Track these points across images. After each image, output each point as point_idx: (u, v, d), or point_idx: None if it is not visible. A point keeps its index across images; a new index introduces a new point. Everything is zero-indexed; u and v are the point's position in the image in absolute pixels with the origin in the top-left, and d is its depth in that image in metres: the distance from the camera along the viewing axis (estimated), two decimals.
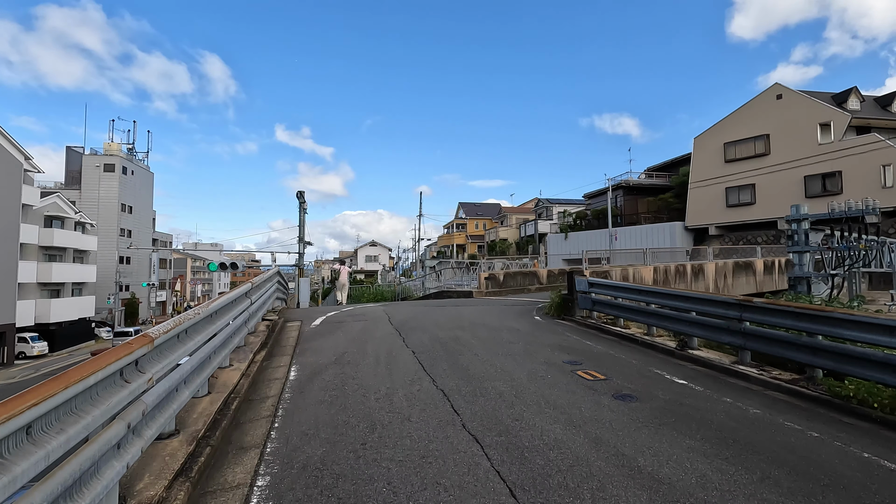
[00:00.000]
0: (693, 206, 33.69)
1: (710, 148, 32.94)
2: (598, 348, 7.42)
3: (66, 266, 38.42)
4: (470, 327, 8.85)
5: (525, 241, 54.73)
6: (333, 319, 9.91)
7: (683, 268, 16.62)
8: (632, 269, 14.88)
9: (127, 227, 57.74)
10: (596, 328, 9.70)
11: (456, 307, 12.36)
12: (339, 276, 18.76)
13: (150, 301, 64.60)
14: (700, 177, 33.38)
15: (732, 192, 31.56)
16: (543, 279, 19.28)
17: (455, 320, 9.71)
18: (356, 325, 9.06)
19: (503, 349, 6.96)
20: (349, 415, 4.25)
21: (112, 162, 55.96)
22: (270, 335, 7.74)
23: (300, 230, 18.53)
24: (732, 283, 18.52)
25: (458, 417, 4.15)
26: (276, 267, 10.94)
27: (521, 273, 18.71)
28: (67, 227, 39.47)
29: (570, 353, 6.90)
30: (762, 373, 6.14)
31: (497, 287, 17.76)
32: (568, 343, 7.71)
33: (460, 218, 70.82)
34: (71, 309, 38.30)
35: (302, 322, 9.47)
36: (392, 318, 9.85)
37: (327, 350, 6.88)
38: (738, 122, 31.46)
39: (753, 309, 6.26)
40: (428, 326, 8.86)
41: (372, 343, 7.32)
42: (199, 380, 4.11)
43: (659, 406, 4.60)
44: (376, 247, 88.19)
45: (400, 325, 8.94)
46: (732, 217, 31.69)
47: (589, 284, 10.40)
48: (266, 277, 8.59)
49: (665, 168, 42.94)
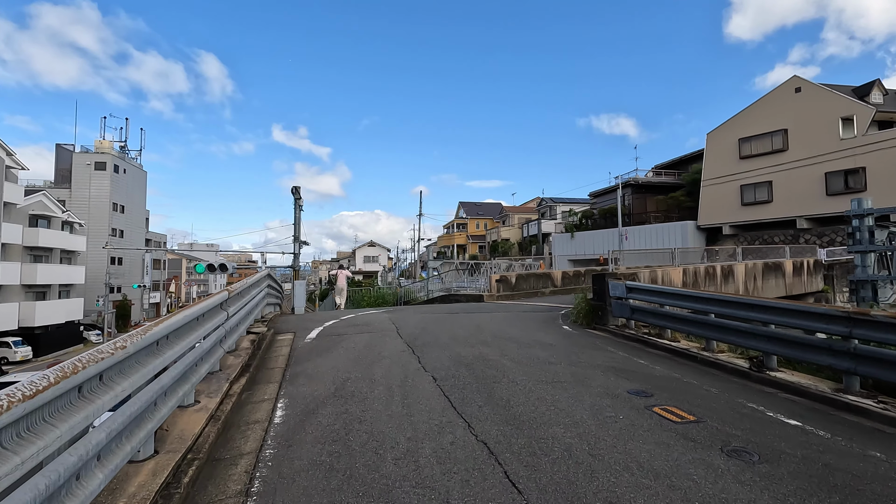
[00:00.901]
0: (706, 205, 32.38)
1: (724, 144, 31.64)
2: (658, 370, 6.05)
3: (53, 267, 36.88)
4: (494, 341, 7.46)
5: (528, 241, 53.35)
6: (332, 331, 8.51)
7: (713, 269, 15.28)
8: (661, 271, 13.53)
9: (119, 227, 56.24)
10: (638, 340, 8.34)
11: (470, 315, 10.97)
12: (337, 280, 18.22)
13: (142, 302, 63.02)
14: (713, 174, 32.07)
15: (748, 189, 30.25)
16: (557, 282, 17.92)
17: (474, 332, 8.33)
18: (359, 339, 7.66)
19: (545, 373, 5.57)
20: (357, 493, 2.86)
21: (103, 160, 54.42)
22: (255, 353, 6.33)
23: (295, 229, 17.15)
24: (762, 285, 17.20)
25: (522, 499, 2.77)
26: (266, 269, 9.51)
27: (533, 275, 17.35)
28: (54, 226, 37.92)
29: (629, 377, 5.53)
30: (884, 407, 4.78)
31: (509, 290, 16.40)
32: (618, 363, 6.33)
33: (461, 218, 69.39)
34: (57, 312, 36.75)
35: (295, 334, 8.07)
36: (401, 330, 8.45)
37: (325, 375, 5.48)
38: (753, 117, 30.15)
39: (870, 324, 4.90)
40: (445, 341, 7.47)
41: (380, 365, 5.93)
42: (132, 443, 2.72)
43: (797, 471, 3.22)
44: (375, 247, 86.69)
45: (411, 339, 7.54)
46: (748, 216, 30.38)
47: (627, 290, 9.03)
48: (251, 282, 7.19)
49: (673, 166, 41.64)
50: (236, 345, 6.18)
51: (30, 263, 34.59)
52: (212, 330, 4.72)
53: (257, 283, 7.75)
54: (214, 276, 40.20)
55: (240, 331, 6.26)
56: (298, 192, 17.09)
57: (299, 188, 17.09)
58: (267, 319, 9.36)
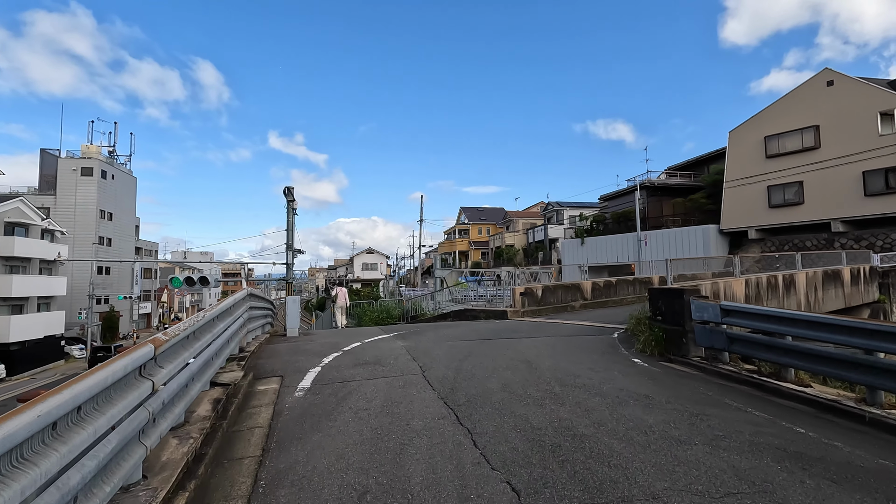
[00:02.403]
0: (729, 207, 30.33)
1: (749, 142, 29.64)
2: (839, 448, 3.85)
3: (31, 278, 34.47)
4: (566, 392, 5.24)
5: (534, 247, 51.21)
6: (334, 373, 6.28)
7: (775, 279, 13.14)
8: (722, 283, 11.38)
9: (106, 236, 53.84)
10: (748, 383, 6.15)
11: (507, 341, 8.74)
12: (337, 298, 16.93)
13: (132, 314, 60.52)
14: (737, 175, 30.05)
15: (776, 190, 28.22)
16: (587, 294, 15.76)
17: (528, 373, 6.11)
18: (372, 391, 5.42)
19: (691, 469, 3.36)
20: None
21: (90, 165, 52.14)
22: (217, 427, 4.09)
23: (288, 235, 14.94)
24: (822, 296, 15.06)
25: None
26: (246, 290, 7.25)
27: (561, 287, 15.17)
28: (32, 234, 35.56)
29: (807, 464, 3.34)
30: None
31: (535, 304, 14.21)
32: (772, 434, 4.13)
33: (462, 223, 67.19)
34: (36, 326, 34.30)
35: (282, 380, 5.83)
36: (427, 370, 6.23)
37: (325, 480, 3.25)
38: (781, 113, 28.19)
39: None
40: (495, 392, 5.25)
41: (414, 453, 3.69)
42: None
43: None
44: (373, 254, 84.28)
45: (447, 390, 5.31)
46: (776, 219, 28.33)
47: (723, 313, 6.85)
48: (217, 312, 4.96)
49: (688, 167, 39.69)
50: (186, 416, 3.95)
51: (5, 275, 32.21)
52: (124, 415, 2.53)
53: (227, 310, 5.53)
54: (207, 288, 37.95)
55: (191, 393, 4.04)
56: (292, 193, 14.91)
57: (292, 189, 14.91)
58: (247, 353, 7.12)
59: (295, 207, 15.00)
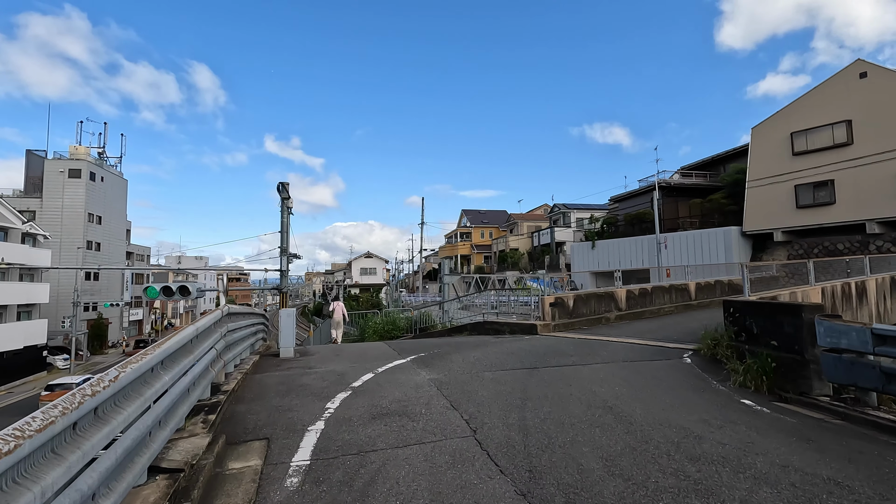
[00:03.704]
0: (752, 208, 28.59)
1: (774, 139, 27.95)
2: None
3: (9, 285, 32.38)
4: (707, 476, 3.37)
5: (539, 250, 49.38)
6: (344, 439, 4.34)
7: (848, 287, 11.33)
8: (800, 292, 9.56)
9: (95, 240, 51.73)
10: None
11: (560, 370, 6.84)
12: (334, 313, 15.83)
13: (122, 321, 58.33)
14: (760, 173, 28.33)
15: (804, 190, 26.49)
16: (622, 303, 13.92)
17: (627, 434, 4.23)
18: (407, 476, 3.51)
19: None
20: None
21: (78, 167, 50.09)
22: None
23: (282, 238, 13.06)
24: (891, 306, 13.27)
25: None
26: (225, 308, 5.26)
27: (594, 296, 13.32)
28: (12, 238, 33.51)
29: None
30: None
31: (566, 316, 12.36)
32: None
33: (464, 226, 65.29)
34: (14, 336, 32.22)
35: (268, 450, 3.93)
36: (480, 430, 4.30)
37: None
38: (809, 107, 26.51)
39: None
40: (607, 482, 3.36)
41: None
42: None
43: None
44: (372, 258, 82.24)
45: (526, 476, 3.41)
46: (804, 220, 26.59)
47: (877, 340, 5.00)
48: (158, 358, 3.07)
49: (704, 167, 37.98)
50: None
51: None
52: None
53: (179, 352, 3.62)
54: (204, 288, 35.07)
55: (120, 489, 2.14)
56: (286, 189, 13.02)
57: (287, 185, 13.02)
58: (223, 396, 5.21)
59: (290, 206, 13.11)
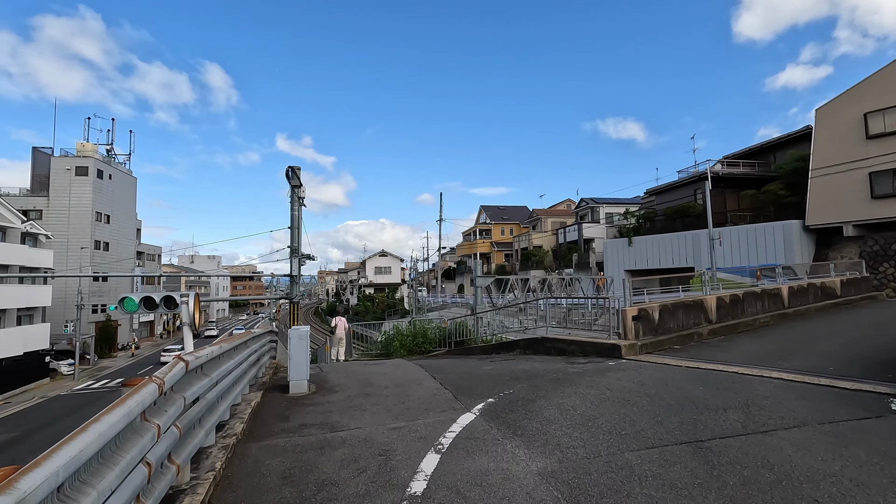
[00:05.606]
0: (817, 199, 25.45)
1: (843, 121, 24.75)
2: None
3: (9, 288, 30.58)
4: None
5: (566, 248, 46.43)
6: None
7: None
8: None
9: (103, 239, 50.04)
10: None
11: (740, 445, 4.19)
12: (336, 329, 14.73)
13: (132, 322, 56.70)
14: (826, 161, 25.14)
15: (881, 177, 23.30)
16: (712, 314, 11.19)
17: None
18: None
19: None
20: None
21: (85, 164, 48.45)
22: None
23: (292, 236, 10.54)
24: None
25: None
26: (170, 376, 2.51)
27: (681, 306, 10.59)
28: (11, 238, 31.71)
29: None
30: None
31: (651, 333, 9.66)
32: None
33: (483, 223, 62.45)
34: (14, 341, 30.39)
35: None
36: None
37: None
38: (886, 84, 23.30)
39: None
40: None
41: None
42: None
43: None
44: (387, 257, 79.79)
45: None
46: (882, 212, 23.40)
47: None
48: None
49: (749, 155, 34.70)
50: None
51: None
52: None
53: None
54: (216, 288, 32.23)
55: None
56: (297, 175, 10.49)
57: (298, 169, 10.51)
58: (209, 461, 2.62)
59: (302, 196, 10.57)
